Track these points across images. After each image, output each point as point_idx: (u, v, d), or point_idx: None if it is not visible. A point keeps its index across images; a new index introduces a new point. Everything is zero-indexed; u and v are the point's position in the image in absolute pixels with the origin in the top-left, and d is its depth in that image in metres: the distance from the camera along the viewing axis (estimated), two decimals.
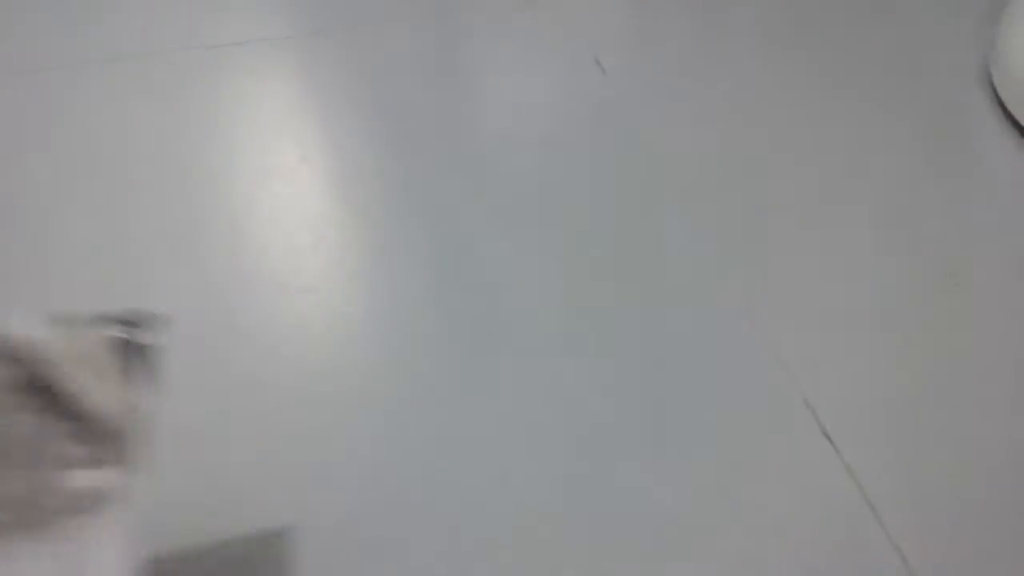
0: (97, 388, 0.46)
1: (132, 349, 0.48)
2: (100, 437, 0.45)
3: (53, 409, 0.45)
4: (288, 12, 1.35)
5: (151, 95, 1.18)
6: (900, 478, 0.72)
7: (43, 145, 1.11)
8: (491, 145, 1.12)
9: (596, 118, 1.11)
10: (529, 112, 1.15)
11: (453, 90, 1.20)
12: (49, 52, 1.25)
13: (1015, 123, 1.07)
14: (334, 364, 0.85)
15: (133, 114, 1.15)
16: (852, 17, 1.28)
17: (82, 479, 0.43)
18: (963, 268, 0.92)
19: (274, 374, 0.83)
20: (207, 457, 0.76)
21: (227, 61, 1.24)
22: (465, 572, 0.68)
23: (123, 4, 1.35)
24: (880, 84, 1.15)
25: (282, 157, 1.08)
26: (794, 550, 0.68)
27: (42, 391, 0.45)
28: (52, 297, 0.91)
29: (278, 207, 1.01)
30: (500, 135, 1.13)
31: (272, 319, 0.88)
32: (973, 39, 1.21)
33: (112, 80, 1.21)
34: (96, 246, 0.97)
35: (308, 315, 0.88)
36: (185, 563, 0.68)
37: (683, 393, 0.80)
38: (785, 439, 0.75)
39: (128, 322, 0.48)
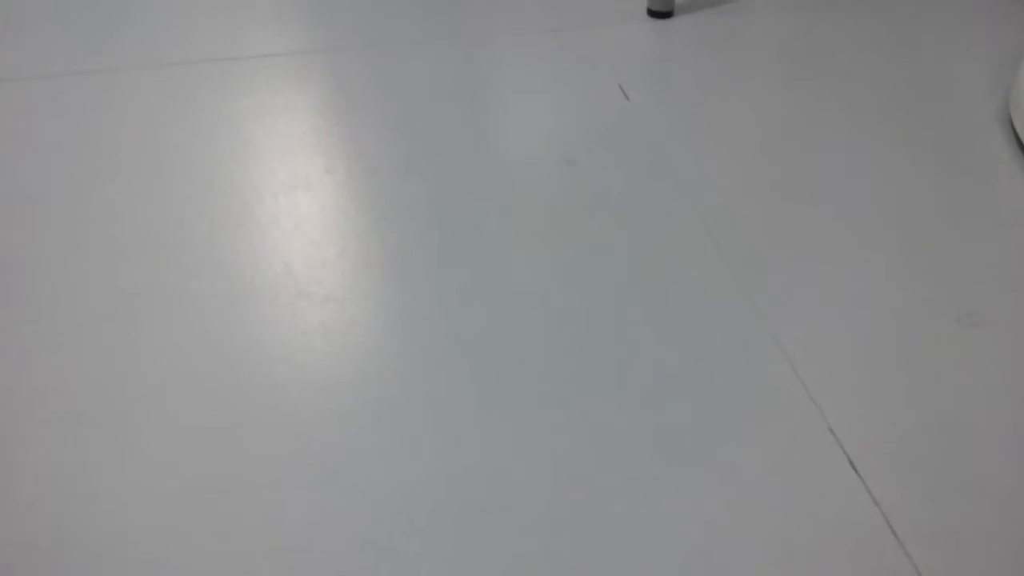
0: None
1: None
2: None
3: None
4: (315, 28, 1.37)
5: (177, 103, 1.19)
6: (928, 510, 0.71)
7: (68, 148, 1.11)
8: (514, 165, 1.12)
9: (620, 143, 1.12)
10: (553, 134, 1.15)
11: (477, 110, 1.21)
12: (82, 57, 1.26)
13: None
14: (352, 374, 0.84)
15: (158, 121, 1.15)
16: (874, 54, 1.29)
17: None
18: (983, 306, 0.92)
19: (291, 381, 0.82)
20: (223, 463, 0.75)
21: (254, 72, 1.25)
22: None
23: (152, 14, 1.37)
24: (902, 122, 1.16)
25: (307, 168, 1.08)
26: None
27: None
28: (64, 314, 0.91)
29: (302, 217, 1.01)
30: (523, 155, 1.13)
31: (293, 327, 0.88)
32: (995, 79, 1.23)
33: (140, 87, 1.21)
34: (118, 250, 0.97)
35: (329, 324, 0.88)
36: None
37: (703, 417, 0.79)
38: (809, 467, 0.75)
39: None
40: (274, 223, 1.00)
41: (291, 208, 1.02)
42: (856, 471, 0.74)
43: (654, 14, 1.36)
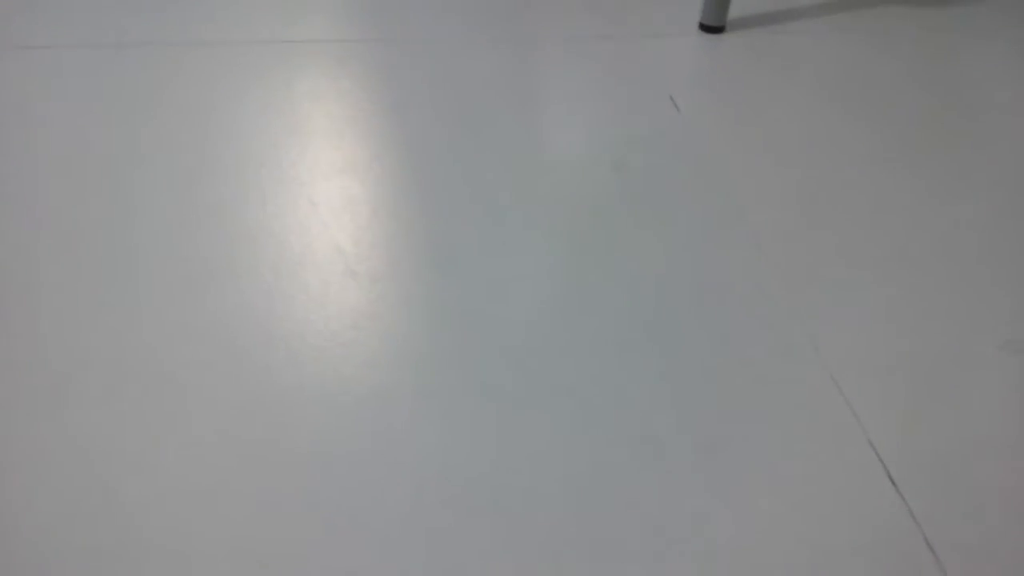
0: None
1: None
2: None
3: None
4: (368, 18, 1.38)
5: (229, 82, 1.20)
6: (966, 529, 0.71)
7: (118, 119, 1.13)
8: (562, 166, 1.13)
9: (668, 152, 1.13)
10: (602, 139, 1.16)
11: (527, 111, 1.22)
12: (134, 29, 1.28)
13: None
14: (397, 355, 0.85)
15: (211, 98, 1.17)
16: (922, 78, 1.30)
17: None
18: None
19: (339, 357, 0.83)
20: (282, 446, 0.76)
21: (307, 56, 1.27)
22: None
23: None
24: (952, 148, 1.16)
25: (357, 153, 1.10)
26: None
27: None
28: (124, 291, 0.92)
29: (352, 199, 1.02)
30: (571, 158, 1.14)
31: (341, 304, 0.89)
32: None
33: (191, 63, 1.23)
34: (169, 221, 0.98)
35: (376, 302, 0.89)
36: None
37: (745, 423, 0.79)
38: (847, 479, 0.75)
39: None
40: (325, 203, 1.01)
41: (342, 190, 1.04)
42: (895, 485, 0.74)
43: (706, 28, 1.37)
